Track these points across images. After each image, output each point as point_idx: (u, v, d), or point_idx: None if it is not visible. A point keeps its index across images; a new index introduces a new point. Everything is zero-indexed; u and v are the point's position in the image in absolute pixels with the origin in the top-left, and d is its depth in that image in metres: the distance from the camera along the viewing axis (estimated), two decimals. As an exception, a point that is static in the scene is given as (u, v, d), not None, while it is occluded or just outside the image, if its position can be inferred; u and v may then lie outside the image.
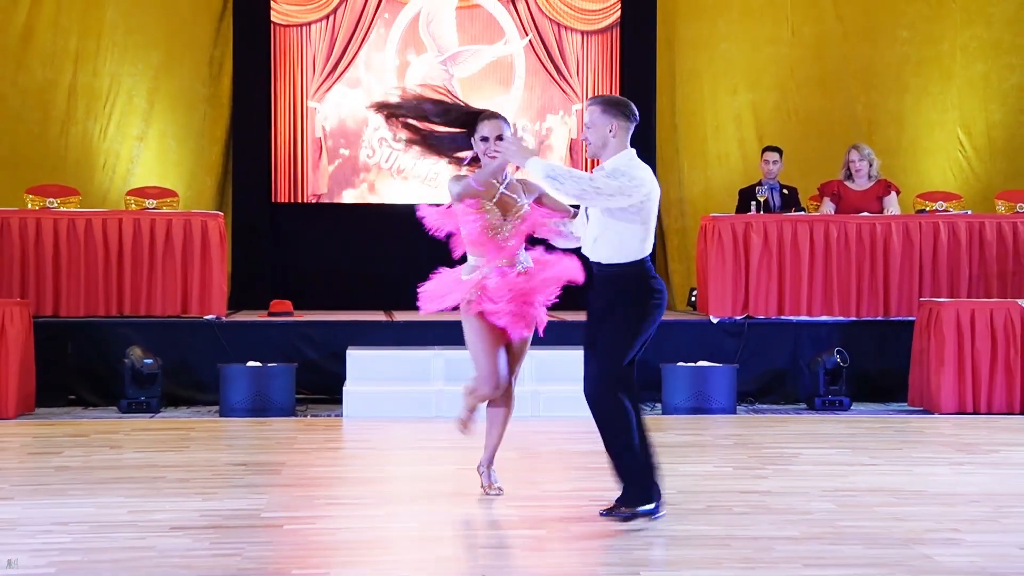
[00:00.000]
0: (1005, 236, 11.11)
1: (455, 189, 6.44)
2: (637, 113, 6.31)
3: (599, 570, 5.19)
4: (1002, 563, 5.33)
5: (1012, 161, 13.68)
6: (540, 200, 6.57)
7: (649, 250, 6.17)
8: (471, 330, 6.46)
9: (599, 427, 6.09)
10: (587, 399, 6.10)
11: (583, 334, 6.21)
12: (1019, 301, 10.26)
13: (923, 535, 5.82)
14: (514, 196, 6.49)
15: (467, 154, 6.62)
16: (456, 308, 6.48)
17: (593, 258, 6.19)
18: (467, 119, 6.59)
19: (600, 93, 13.25)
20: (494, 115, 6.57)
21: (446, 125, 6.62)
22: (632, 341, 6.05)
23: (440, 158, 6.74)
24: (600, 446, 6.14)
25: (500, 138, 6.44)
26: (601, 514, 6.08)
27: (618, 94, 13.36)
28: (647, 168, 6.21)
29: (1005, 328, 10.12)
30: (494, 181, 6.43)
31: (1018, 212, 11.85)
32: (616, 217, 6.08)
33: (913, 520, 6.15)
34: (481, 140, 6.50)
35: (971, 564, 5.29)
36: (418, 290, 6.53)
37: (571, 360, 9.94)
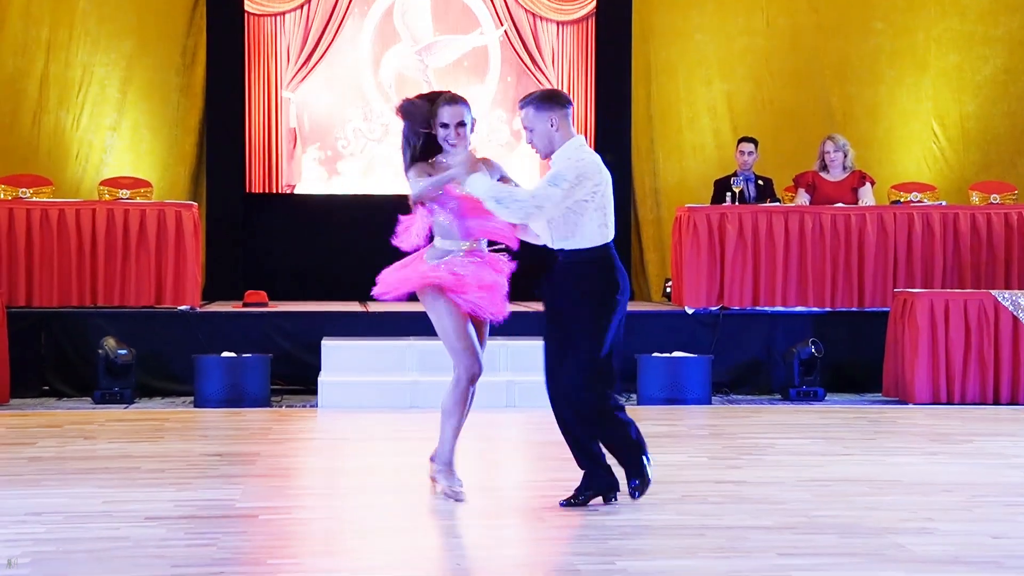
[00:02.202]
0: (979, 227, 11.15)
1: (413, 190, 6.12)
2: (569, 97, 6.19)
3: (574, 559, 5.19)
4: (975, 552, 5.35)
5: (986, 152, 13.74)
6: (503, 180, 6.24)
7: (610, 236, 6.04)
8: (442, 313, 6.17)
9: (585, 425, 6.07)
10: (567, 400, 6.02)
11: (543, 327, 6.14)
12: (992, 292, 10.31)
13: (897, 524, 5.84)
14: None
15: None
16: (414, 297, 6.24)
17: (555, 246, 6.05)
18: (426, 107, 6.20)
19: (564, 85, 13.26)
20: (455, 99, 6.18)
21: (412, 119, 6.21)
22: (604, 334, 5.98)
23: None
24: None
25: (461, 124, 6.11)
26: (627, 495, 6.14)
27: (593, 85, 13.41)
28: (593, 156, 6.06)
29: (979, 319, 10.17)
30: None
31: (992, 203, 11.91)
32: (570, 207, 5.95)
33: (887, 509, 6.17)
34: (441, 126, 6.13)
35: (944, 553, 5.31)
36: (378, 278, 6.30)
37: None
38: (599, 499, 6.15)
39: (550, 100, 6.05)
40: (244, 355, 10.03)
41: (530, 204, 5.88)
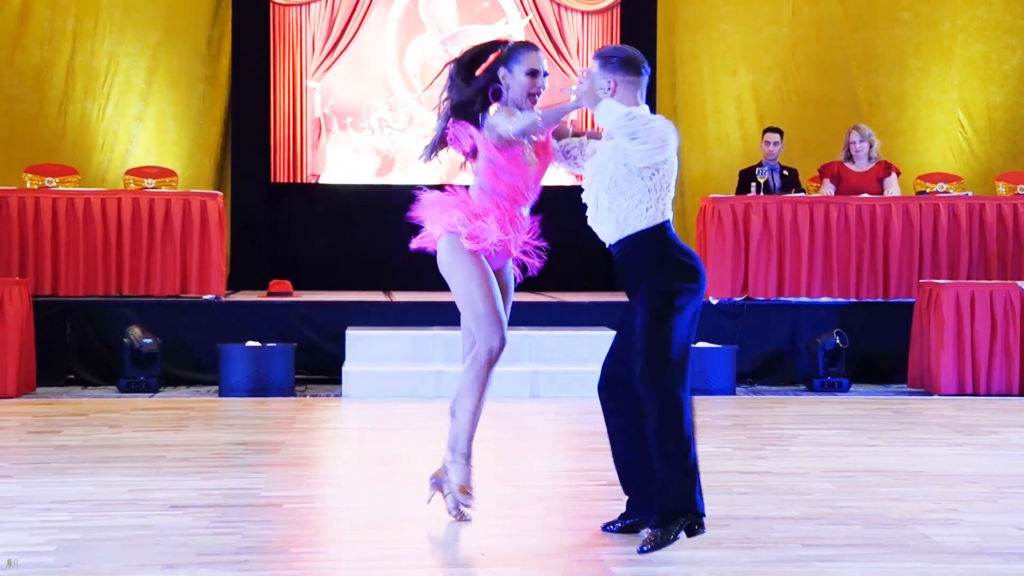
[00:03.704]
0: (1005, 218, 11.10)
1: (514, 125, 5.42)
2: (646, 65, 5.37)
3: (599, 549, 5.20)
4: (1000, 543, 5.33)
5: (1013, 143, 13.67)
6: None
7: (659, 219, 5.26)
8: (467, 266, 5.52)
9: (650, 418, 5.19)
10: (639, 384, 5.20)
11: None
12: (1019, 283, 10.26)
13: (921, 515, 5.82)
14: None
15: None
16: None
17: (602, 237, 5.39)
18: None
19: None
20: (534, 46, 5.65)
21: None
22: (669, 314, 5.16)
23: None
24: (596, 427, 5.89)
25: (544, 74, 5.58)
26: (640, 551, 5.13)
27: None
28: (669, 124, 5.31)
29: (1005, 310, 10.13)
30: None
31: (1019, 194, 11.83)
32: (621, 186, 5.27)
33: (911, 500, 6.15)
34: (529, 74, 5.52)
35: (969, 544, 5.30)
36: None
37: (569, 341, 9.99)
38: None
39: (618, 60, 5.33)
40: (269, 344, 10.05)
41: (642, 122, 5.15)
